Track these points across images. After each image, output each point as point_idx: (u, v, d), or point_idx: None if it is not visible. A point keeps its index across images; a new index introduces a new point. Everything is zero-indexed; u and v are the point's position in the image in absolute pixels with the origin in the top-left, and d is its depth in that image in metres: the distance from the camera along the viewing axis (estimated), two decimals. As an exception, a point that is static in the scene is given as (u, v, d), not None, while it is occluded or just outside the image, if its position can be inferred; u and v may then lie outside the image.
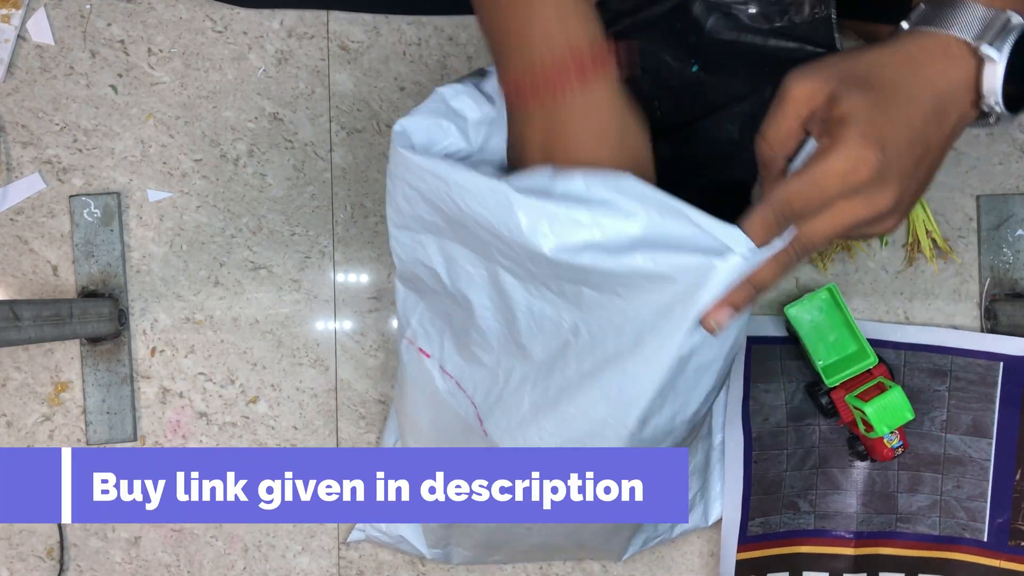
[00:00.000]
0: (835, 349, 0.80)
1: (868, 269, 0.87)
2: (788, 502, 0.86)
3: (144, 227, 0.87)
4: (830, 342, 0.80)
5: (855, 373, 0.79)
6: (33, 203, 0.87)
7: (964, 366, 0.85)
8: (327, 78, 0.87)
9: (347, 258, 0.88)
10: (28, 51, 0.86)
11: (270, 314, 0.87)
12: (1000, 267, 0.87)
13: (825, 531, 0.87)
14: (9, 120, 0.86)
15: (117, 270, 0.86)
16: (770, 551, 0.87)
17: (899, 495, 0.86)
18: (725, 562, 0.86)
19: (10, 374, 0.87)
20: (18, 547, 0.88)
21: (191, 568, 0.88)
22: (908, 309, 0.88)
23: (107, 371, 0.86)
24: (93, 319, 0.81)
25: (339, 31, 0.87)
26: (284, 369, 0.88)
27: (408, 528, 0.84)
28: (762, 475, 0.85)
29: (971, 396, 0.85)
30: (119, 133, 0.87)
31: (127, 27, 0.86)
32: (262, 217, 0.87)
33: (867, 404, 0.76)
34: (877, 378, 0.79)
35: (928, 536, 0.86)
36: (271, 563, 0.89)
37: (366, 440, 0.88)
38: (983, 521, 0.86)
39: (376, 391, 0.88)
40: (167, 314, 0.87)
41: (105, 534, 0.88)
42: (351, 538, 0.87)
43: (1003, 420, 0.85)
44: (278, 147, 0.87)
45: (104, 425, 0.86)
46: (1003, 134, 0.87)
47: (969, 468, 0.86)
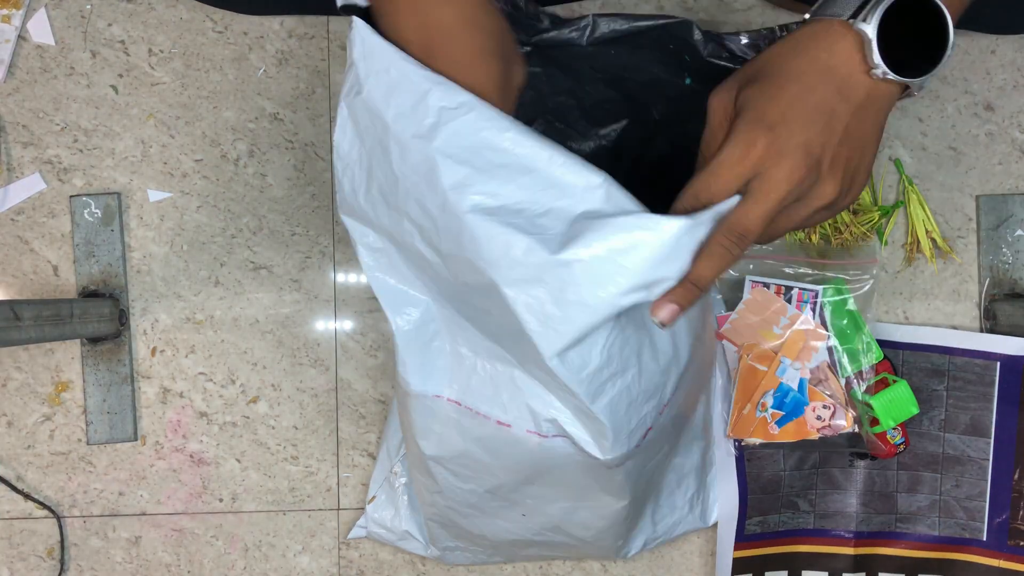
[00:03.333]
0: (841, 343, 0.81)
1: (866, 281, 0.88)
2: (787, 501, 0.86)
3: (145, 227, 0.87)
4: (837, 336, 0.81)
5: (859, 368, 0.80)
6: (34, 203, 0.87)
7: (962, 366, 0.85)
8: (327, 78, 0.87)
9: (347, 258, 0.88)
10: (29, 51, 0.86)
11: (270, 314, 0.88)
12: (999, 267, 0.87)
13: (824, 530, 0.87)
14: (10, 120, 0.86)
15: (117, 270, 0.86)
16: (769, 549, 0.87)
17: (898, 495, 0.87)
18: (721, 559, 0.86)
19: (11, 374, 0.87)
20: (18, 547, 0.88)
21: (191, 568, 0.88)
22: (907, 309, 0.88)
23: (108, 371, 0.86)
24: (93, 319, 0.81)
25: (340, 31, 0.87)
26: (284, 369, 0.88)
27: (413, 524, 0.84)
28: (760, 474, 0.86)
29: (969, 395, 0.85)
30: (119, 133, 0.87)
31: (127, 27, 0.86)
32: (262, 217, 0.87)
33: (873, 398, 0.78)
34: (881, 374, 0.80)
35: (928, 536, 0.87)
36: (271, 563, 0.89)
37: (366, 440, 0.88)
38: (982, 521, 0.86)
39: (376, 391, 0.88)
40: (168, 314, 0.87)
41: (105, 534, 0.88)
42: (352, 534, 0.87)
43: (1001, 419, 0.85)
44: (278, 147, 0.87)
45: (104, 425, 0.86)
46: (1003, 134, 0.88)
47: (968, 468, 0.86)
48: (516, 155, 0.49)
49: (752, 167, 0.47)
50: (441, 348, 0.62)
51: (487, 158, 0.49)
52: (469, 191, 0.49)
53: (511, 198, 0.49)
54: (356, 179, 0.55)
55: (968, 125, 0.88)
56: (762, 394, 0.81)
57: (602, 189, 0.48)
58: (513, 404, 0.60)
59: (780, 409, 0.81)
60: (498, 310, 0.51)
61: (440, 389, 0.63)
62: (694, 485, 0.83)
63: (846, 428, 0.80)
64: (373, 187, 0.55)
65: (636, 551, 0.84)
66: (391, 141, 0.51)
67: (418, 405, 0.64)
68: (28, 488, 0.88)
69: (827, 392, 0.81)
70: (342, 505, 0.88)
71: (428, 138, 0.49)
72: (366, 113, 0.52)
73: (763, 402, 0.81)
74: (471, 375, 0.61)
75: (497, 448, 0.64)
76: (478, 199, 0.49)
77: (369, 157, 0.54)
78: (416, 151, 0.50)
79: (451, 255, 0.52)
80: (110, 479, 0.88)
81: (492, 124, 0.49)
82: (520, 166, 0.49)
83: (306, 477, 0.88)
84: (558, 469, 0.64)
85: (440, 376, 0.63)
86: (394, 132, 0.51)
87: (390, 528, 0.85)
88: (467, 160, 0.49)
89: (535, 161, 0.49)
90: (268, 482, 0.88)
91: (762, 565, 0.87)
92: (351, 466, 0.88)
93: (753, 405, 0.81)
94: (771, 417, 0.81)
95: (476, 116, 0.49)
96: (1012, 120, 0.88)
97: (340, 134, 0.55)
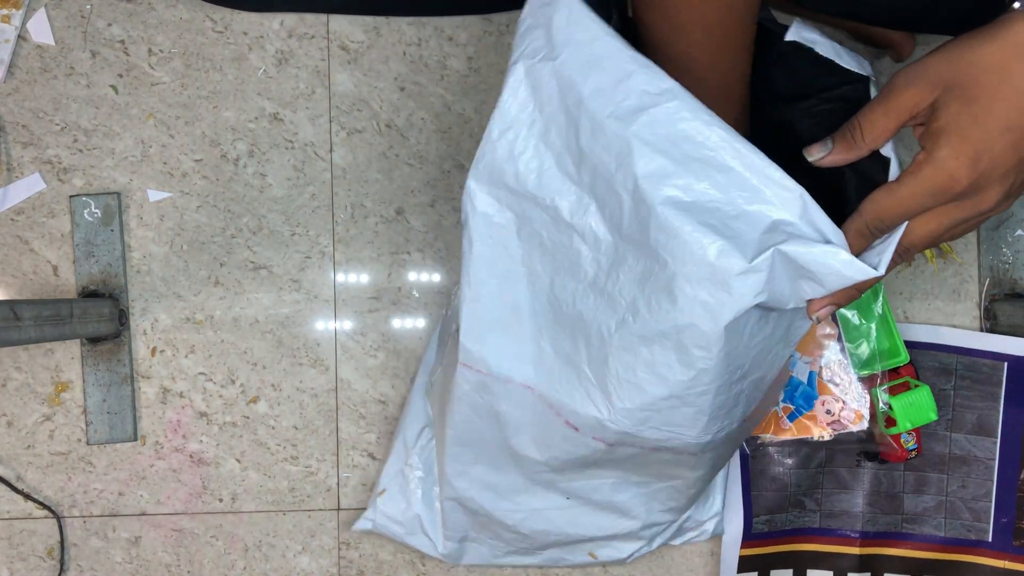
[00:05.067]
0: (869, 342, 0.81)
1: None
2: (794, 500, 0.86)
3: (144, 227, 0.87)
4: (870, 337, 0.81)
5: (885, 368, 0.80)
6: (33, 203, 0.87)
7: (969, 365, 0.85)
8: (327, 78, 0.87)
9: (347, 258, 0.87)
10: (28, 51, 0.86)
11: (270, 314, 0.87)
12: (1000, 267, 0.87)
13: (830, 530, 0.87)
14: (9, 120, 0.86)
15: (117, 270, 0.86)
16: (774, 548, 0.87)
17: (905, 496, 0.86)
18: (727, 556, 0.86)
19: (10, 374, 0.87)
20: (18, 547, 0.88)
21: (191, 568, 0.88)
22: (908, 309, 0.87)
23: (107, 371, 0.86)
24: (93, 319, 0.81)
25: (339, 31, 0.87)
26: (284, 369, 0.88)
27: (426, 517, 0.83)
28: (766, 472, 0.85)
29: (976, 395, 0.85)
30: (119, 133, 0.87)
31: (127, 27, 0.86)
32: (262, 217, 0.87)
33: (894, 398, 0.78)
34: (904, 377, 0.81)
35: (933, 537, 0.86)
36: (271, 563, 0.88)
37: (366, 440, 0.88)
38: (987, 521, 0.86)
39: (376, 391, 0.88)
40: (167, 314, 0.87)
41: (105, 534, 0.88)
42: (357, 526, 0.85)
43: (1008, 419, 0.85)
44: (278, 147, 0.87)
45: (104, 425, 0.86)
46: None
47: (974, 468, 0.85)
48: (716, 152, 0.48)
49: (947, 200, 0.46)
50: (522, 334, 0.62)
51: (684, 150, 0.49)
52: (664, 182, 0.49)
53: (705, 195, 0.49)
54: (520, 143, 0.54)
55: (970, 123, 0.87)
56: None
57: (799, 201, 0.48)
58: (583, 409, 0.60)
59: (791, 403, 0.81)
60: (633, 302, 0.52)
61: (514, 372, 0.62)
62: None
63: (856, 422, 0.80)
64: (546, 154, 0.54)
65: (648, 550, 0.83)
66: (583, 115, 0.51)
67: (492, 384, 0.64)
68: (28, 488, 0.87)
69: (837, 387, 0.81)
70: (342, 505, 0.88)
71: (626, 121, 0.49)
72: (554, 81, 0.51)
73: None
74: (550, 370, 0.61)
75: (558, 440, 0.64)
76: (673, 192, 0.49)
77: (545, 124, 0.53)
78: (611, 131, 0.50)
79: (631, 238, 0.52)
80: (110, 479, 0.88)
81: (695, 116, 0.49)
82: (718, 163, 0.49)
83: (306, 477, 0.88)
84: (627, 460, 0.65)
85: (517, 361, 0.62)
86: (588, 107, 0.50)
87: (400, 521, 0.84)
88: (664, 150, 0.49)
89: (733, 160, 0.48)
90: (268, 482, 0.88)
91: (767, 563, 0.86)
92: (351, 466, 0.88)
93: (765, 400, 0.82)
94: (782, 411, 0.81)
95: (679, 105, 0.49)
96: (1015, 118, 0.87)
97: (510, 95, 0.53)
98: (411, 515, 0.84)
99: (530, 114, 0.53)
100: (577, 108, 0.51)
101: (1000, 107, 0.43)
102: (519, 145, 0.54)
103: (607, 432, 0.59)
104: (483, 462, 0.72)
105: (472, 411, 0.67)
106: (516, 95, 0.53)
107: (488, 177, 0.56)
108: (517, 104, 0.53)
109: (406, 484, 0.84)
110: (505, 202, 0.57)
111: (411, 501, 0.84)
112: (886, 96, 0.47)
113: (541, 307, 0.60)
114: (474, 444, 0.70)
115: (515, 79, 0.53)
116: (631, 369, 0.55)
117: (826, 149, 0.49)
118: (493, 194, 0.57)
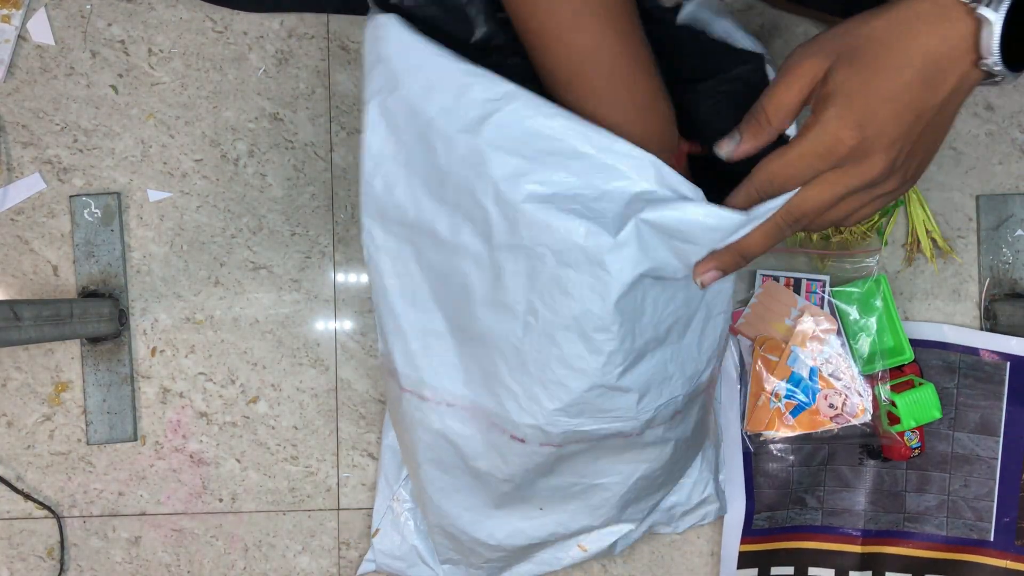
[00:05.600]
0: (874, 339, 0.82)
1: (868, 268, 0.87)
2: (795, 497, 0.86)
3: (144, 227, 0.87)
4: (870, 332, 0.81)
5: (890, 366, 0.81)
6: (33, 203, 0.87)
7: (972, 364, 0.85)
8: (327, 78, 0.87)
9: (347, 258, 0.87)
10: (28, 51, 0.86)
11: (270, 314, 0.87)
12: (1000, 267, 0.87)
13: (832, 528, 0.86)
14: (9, 120, 0.86)
15: (117, 270, 0.86)
16: (775, 545, 0.86)
17: (907, 494, 0.86)
18: (727, 552, 0.86)
19: (10, 374, 0.87)
20: (18, 547, 0.88)
21: (191, 568, 0.88)
22: (908, 308, 0.87)
23: (107, 371, 0.86)
24: (93, 319, 0.81)
25: (339, 31, 0.87)
26: (284, 369, 0.87)
27: (421, 541, 0.84)
28: (767, 469, 0.85)
29: (979, 394, 0.85)
30: (119, 133, 0.87)
31: (127, 27, 0.87)
32: (262, 217, 0.87)
33: (899, 396, 0.78)
34: (909, 375, 0.81)
35: (935, 536, 0.86)
36: (271, 563, 0.88)
37: (366, 440, 0.88)
38: (989, 521, 0.86)
39: (376, 391, 0.88)
40: (167, 314, 0.87)
41: (105, 534, 0.88)
42: (361, 570, 0.87)
43: (1010, 419, 0.85)
44: (278, 147, 0.87)
45: (104, 425, 0.86)
46: (1003, 134, 0.87)
47: (976, 467, 0.85)
48: (564, 141, 0.49)
49: (834, 163, 0.46)
50: (448, 359, 0.62)
51: (536, 146, 0.49)
52: (522, 180, 0.49)
53: (564, 185, 0.49)
54: (391, 176, 0.55)
55: (968, 125, 0.87)
56: (775, 384, 0.81)
57: (651, 167, 0.48)
58: (520, 419, 0.60)
59: (793, 398, 0.81)
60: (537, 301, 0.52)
61: (454, 396, 0.63)
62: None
63: (858, 416, 0.80)
64: (414, 182, 0.55)
65: (644, 532, 0.83)
66: (435, 137, 0.51)
67: (426, 409, 0.64)
68: (28, 488, 0.87)
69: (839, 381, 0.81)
70: (342, 505, 0.88)
71: (474, 132, 0.50)
72: (404, 110, 0.52)
73: (776, 392, 0.81)
74: (480, 389, 0.61)
75: (511, 455, 0.64)
76: (532, 188, 0.49)
77: (407, 153, 0.54)
78: (463, 145, 0.50)
79: (504, 246, 0.52)
80: (110, 479, 0.88)
81: (537, 112, 0.49)
82: (570, 152, 0.49)
83: (306, 477, 0.88)
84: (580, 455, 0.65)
85: (451, 382, 0.63)
86: (438, 127, 0.51)
87: (398, 556, 0.85)
88: (516, 150, 0.49)
89: (583, 145, 0.49)
90: (268, 482, 0.88)
91: (768, 560, 0.86)
92: (351, 466, 0.88)
93: (767, 396, 0.82)
94: (785, 407, 0.81)
95: (520, 105, 0.49)
96: (1012, 120, 0.87)
97: (371, 133, 0.54)
98: (407, 548, 0.84)
99: (393, 146, 0.54)
100: (429, 130, 0.52)
101: (884, 76, 0.44)
102: (391, 178, 0.55)
103: (551, 436, 0.59)
104: (456, 488, 0.72)
105: (430, 436, 0.67)
106: (376, 131, 0.54)
107: (377, 213, 0.57)
108: (379, 140, 0.55)
109: (396, 519, 0.84)
110: (398, 235, 0.58)
111: (405, 534, 0.84)
112: (785, 71, 0.47)
113: (456, 329, 0.60)
114: (445, 468, 0.70)
115: (371, 117, 0.54)
116: (548, 369, 0.56)
117: (735, 141, 0.49)
118: (386, 228, 0.58)
